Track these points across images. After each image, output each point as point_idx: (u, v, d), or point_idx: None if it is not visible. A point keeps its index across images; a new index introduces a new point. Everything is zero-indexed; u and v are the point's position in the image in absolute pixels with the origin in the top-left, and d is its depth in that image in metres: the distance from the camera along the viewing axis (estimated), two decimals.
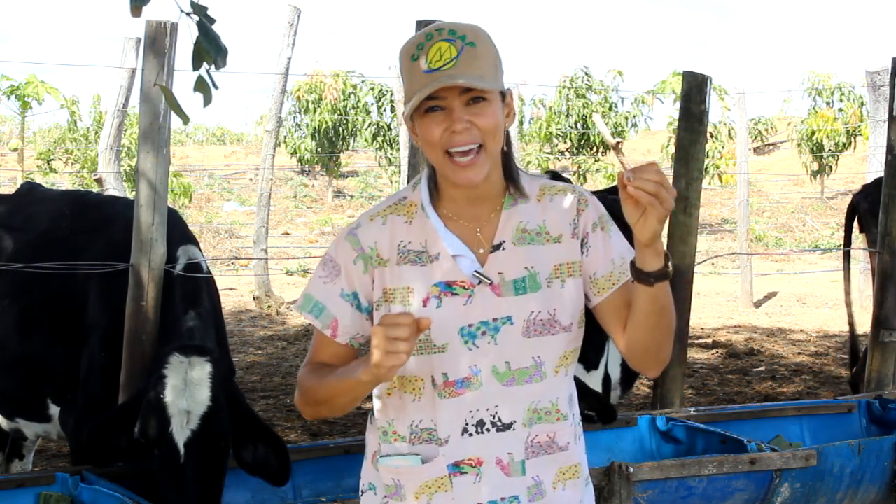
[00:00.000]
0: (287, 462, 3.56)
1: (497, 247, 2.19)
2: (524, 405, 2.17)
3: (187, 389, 3.41)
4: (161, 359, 3.51)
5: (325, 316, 2.21)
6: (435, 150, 2.11)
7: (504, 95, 2.15)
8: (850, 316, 6.44)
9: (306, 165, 24.12)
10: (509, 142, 2.21)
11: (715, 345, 9.69)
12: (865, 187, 6.68)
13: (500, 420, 2.16)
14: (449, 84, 2.05)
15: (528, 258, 2.19)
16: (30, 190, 4.80)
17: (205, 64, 2.51)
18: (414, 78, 2.09)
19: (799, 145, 22.40)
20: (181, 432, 3.37)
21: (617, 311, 2.22)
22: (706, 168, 17.52)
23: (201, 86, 2.54)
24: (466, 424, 2.16)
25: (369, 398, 2.29)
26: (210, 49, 2.46)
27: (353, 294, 2.20)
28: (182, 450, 3.35)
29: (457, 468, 2.17)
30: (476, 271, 2.16)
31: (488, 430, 2.17)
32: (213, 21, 2.50)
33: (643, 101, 21.70)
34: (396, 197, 2.26)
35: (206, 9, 2.49)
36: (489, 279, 2.16)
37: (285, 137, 22.73)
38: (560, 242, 2.21)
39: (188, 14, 2.48)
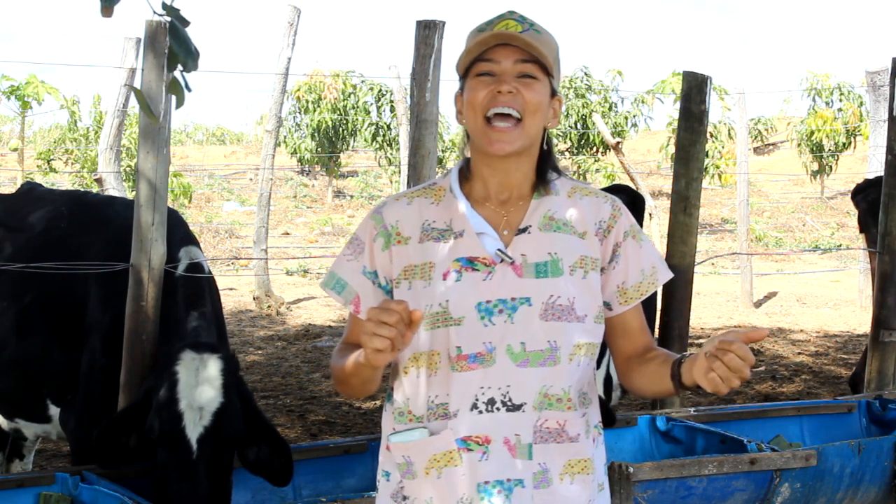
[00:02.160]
0: (289, 463, 3.56)
1: (523, 230, 2.23)
2: (536, 388, 2.19)
3: (199, 386, 3.40)
4: (172, 356, 3.49)
5: (346, 292, 2.27)
6: (476, 114, 2.16)
7: (553, 94, 2.22)
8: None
9: (306, 165, 24.13)
10: (549, 143, 2.27)
11: None
12: (866, 182, 6.66)
13: (510, 400, 2.18)
14: (508, 39, 2.12)
15: (552, 244, 2.22)
16: (29, 190, 4.80)
17: (175, 67, 2.49)
18: (475, 43, 2.16)
19: (799, 145, 22.40)
20: (194, 428, 3.35)
21: (625, 330, 2.31)
22: (706, 168, 17.53)
23: (174, 87, 2.53)
24: (476, 401, 2.18)
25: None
26: (180, 52, 2.44)
27: (373, 272, 2.26)
28: (195, 446, 3.34)
29: (464, 444, 2.19)
30: (499, 249, 2.20)
31: (498, 408, 2.18)
32: (186, 23, 2.47)
33: (643, 101, 21.72)
34: (426, 183, 2.34)
35: (177, 10, 2.46)
36: (511, 258, 2.20)
37: (285, 137, 22.73)
38: (584, 238, 2.25)
39: (160, 16, 2.46)
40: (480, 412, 2.18)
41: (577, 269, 2.22)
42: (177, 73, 2.51)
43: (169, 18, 2.45)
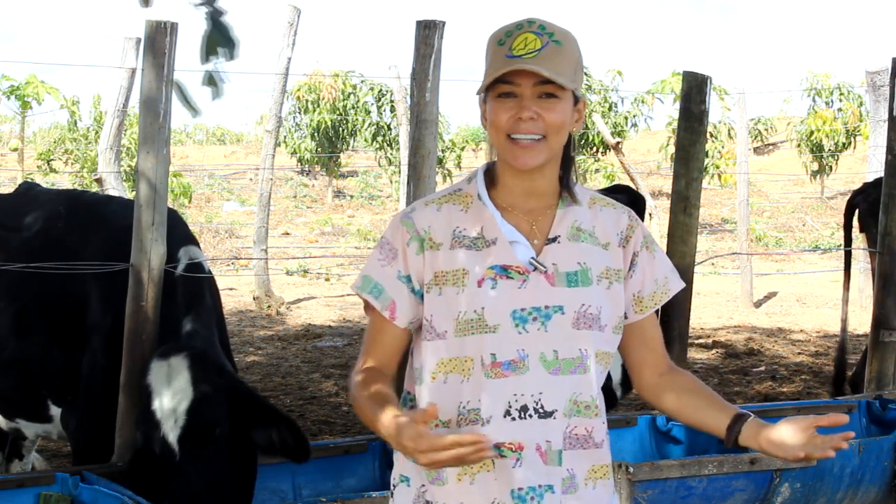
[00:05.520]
0: (303, 439, 3.56)
1: (552, 240, 2.25)
2: (567, 395, 2.22)
3: (169, 390, 3.44)
4: (145, 368, 3.58)
5: (383, 297, 2.27)
6: (499, 133, 2.20)
7: (577, 100, 2.24)
8: (844, 314, 6.44)
9: (306, 165, 24.13)
10: (574, 148, 2.31)
11: (715, 345, 9.69)
12: (865, 185, 6.67)
13: (542, 407, 2.21)
14: (525, 67, 2.14)
15: (581, 254, 2.26)
16: (27, 190, 4.79)
17: (212, 58, 2.50)
18: (495, 61, 2.19)
19: (799, 145, 22.40)
20: (173, 431, 3.38)
21: (644, 338, 2.35)
22: (706, 168, 17.54)
23: (211, 80, 2.54)
24: (510, 407, 2.20)
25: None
26: (222, 40, 2.46)
27: (408, 277, 2.26)
28: (176, 446, 3.36)
29: (498, 450, 2.20)
30: (532, 258, 2.23)
31: (531, 415, 2.21)
32: (222, 13, 2.50)
33: (643, 101, 21.72)
34: (451, 189, 2.35)
35: (215, 0, 2.49)
36: (544, 267, 2.22)
37: (285, 137, 22.72)
38: (607, 249, 2.29)
39: (197, 6, 2.47)
40: (513, 419, 2.20)
41: (602, 279, 2.26)
42: (210, 66, 2.52)
43: (206, 9, 2.46)
